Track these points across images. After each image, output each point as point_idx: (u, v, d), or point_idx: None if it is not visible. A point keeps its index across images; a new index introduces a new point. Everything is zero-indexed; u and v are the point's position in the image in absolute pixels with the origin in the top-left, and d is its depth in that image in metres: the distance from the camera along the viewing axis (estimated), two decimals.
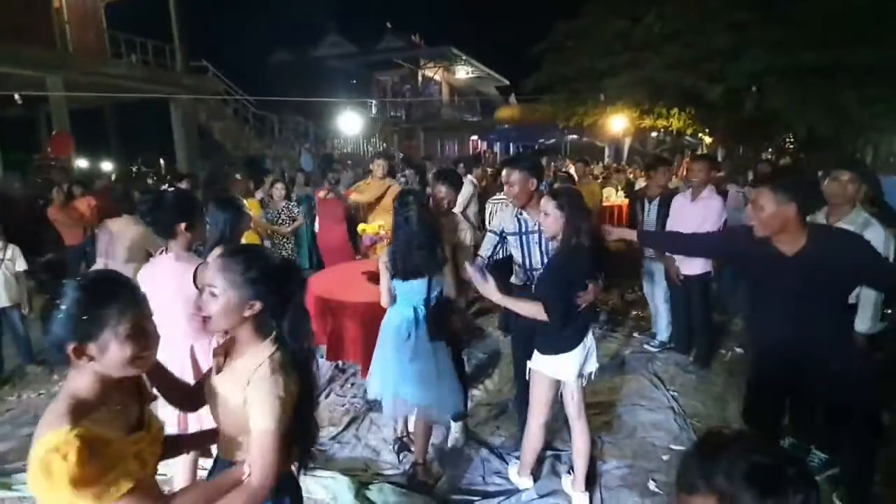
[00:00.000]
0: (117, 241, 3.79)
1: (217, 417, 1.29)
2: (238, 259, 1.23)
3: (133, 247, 3.76)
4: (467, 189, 5.19)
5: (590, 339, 2.33)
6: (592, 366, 2.36)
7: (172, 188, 3.85)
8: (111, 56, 12.37)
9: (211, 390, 1.29)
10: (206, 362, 2.23)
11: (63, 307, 1.02)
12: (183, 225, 2.16)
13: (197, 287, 2.13)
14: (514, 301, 2.25)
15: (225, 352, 1.33)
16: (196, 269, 2.13)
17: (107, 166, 14.17)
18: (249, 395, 1.18)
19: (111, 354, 1.05)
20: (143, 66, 12.81)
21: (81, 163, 12.84)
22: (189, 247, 2.21)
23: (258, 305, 1.23)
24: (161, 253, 2.28)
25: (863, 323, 2.41)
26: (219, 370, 1.31)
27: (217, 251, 2.32)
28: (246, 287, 1.21)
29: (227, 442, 1.29)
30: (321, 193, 5.80)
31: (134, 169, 13.27)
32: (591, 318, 2.34)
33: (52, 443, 0.96)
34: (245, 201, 3.35)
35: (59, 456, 0.94)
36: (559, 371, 2.28)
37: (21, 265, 3.97)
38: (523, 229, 2.63)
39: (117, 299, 1.06)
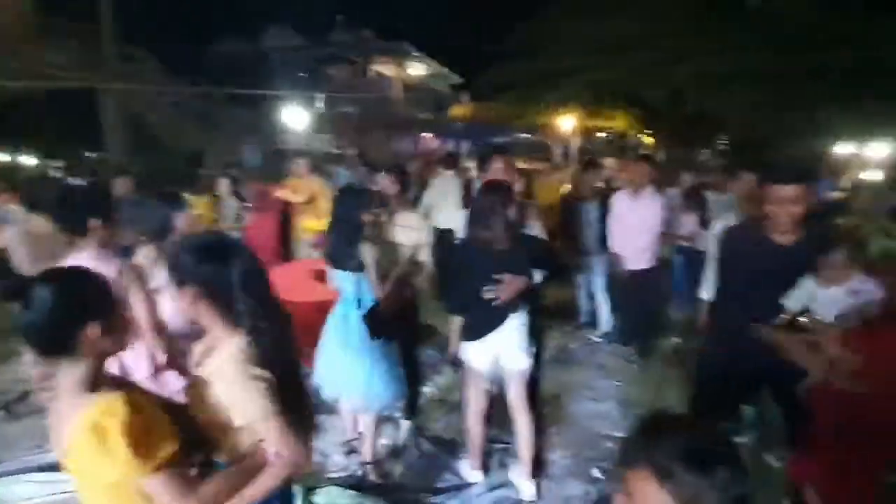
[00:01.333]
0: None
1: (205, 417, 1.23)
2: (180, 251, 1.22)
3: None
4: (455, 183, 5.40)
5: (510, 334, 2.31)
6: (520, 362, 2.36)
7: (81, 182, 3.63)
8: (34, 40, 11.43)
9: (194, 390, 1.25)
10: (135, 369, 2.11)
11: (69, 296, 1.03)
12: (97, 221, 2.01)
13: None
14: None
15: (205, 350, 1.31)
16: (122, 268, 2.00)
17: (28, 161, 13.10)
18: (228, 389, 1.17)
19: (118, 329, 1.12)
20: (70, 51, 11.91)
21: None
22: (106, 244, 2.05)
23: (195, 290, 1.19)
24: (75, 254, 2.11)
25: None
26: (197, 366, 1.29)
27: (146, 250, 2.21)
28: (181, 276, 1.20)
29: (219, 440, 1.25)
30: (254, 187, 5.77)
31: (54, 164, 12.29)
32: (506, 312, 2.28)
33: (101, 408, 1.00)
34: (192, 199, 3.20)
35: (111, 416, 0.99)
36: (471, 358, 2.36)
37: None
38: None
39: (104, 281, 1.13)
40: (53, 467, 2.66)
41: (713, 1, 9.84)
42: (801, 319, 2.05)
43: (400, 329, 2.62)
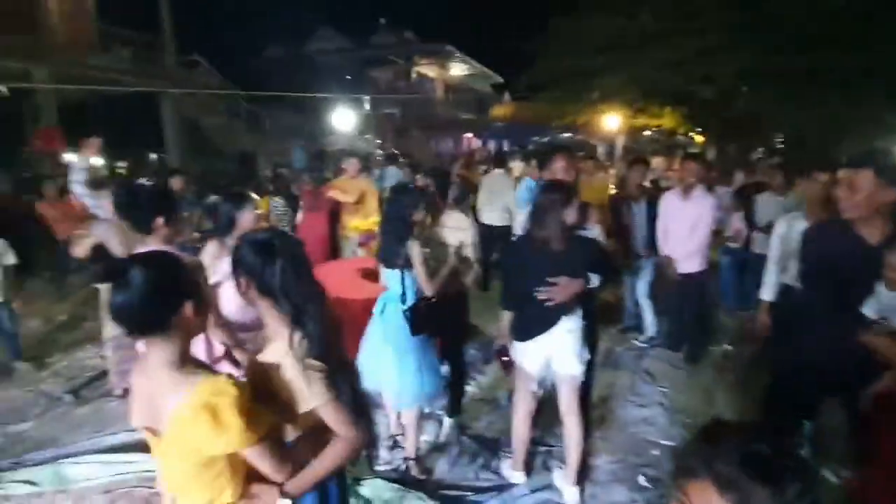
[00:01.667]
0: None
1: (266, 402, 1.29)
2: (242, 244, 1.31)
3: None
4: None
5: (563, 337, 2.26)
6: (572, 367, 2.31)
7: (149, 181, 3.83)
8: (100, 48, 12.21)
9: (254, 378, 1.32)
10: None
11: (168, 276, 1.10)
12: (161, 219, 2.15)
13: None
14: None
15: (264, 339, 1.38)
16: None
17: (96, 161, 14.00)
18: (288, 378, 1.22)
19: (205, 309, 1.19)
20: (133, 59, 12.66)
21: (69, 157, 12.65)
22: (169, 241, 2.19)
23: (245, 283, 1.27)
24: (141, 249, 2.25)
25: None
26: (257, 355, 1.36)
27: (210, 246, 2.32)
28: (238, 267, 1.28)
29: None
30: (306, 186, 5.87)
31: (123, 164, 13.10)
32: (559, 314, 2.23)
33: (211, 388, 1.06)
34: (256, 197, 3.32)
35: (221, 395, 1.05)
36: (522, 359, 2.33)
37: (10, 259, 3.90)
38: None
39: (189, 265, 1.20)
40: (117, 449, 2.83)
41: None
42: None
43: (446, 327, 2.65)
